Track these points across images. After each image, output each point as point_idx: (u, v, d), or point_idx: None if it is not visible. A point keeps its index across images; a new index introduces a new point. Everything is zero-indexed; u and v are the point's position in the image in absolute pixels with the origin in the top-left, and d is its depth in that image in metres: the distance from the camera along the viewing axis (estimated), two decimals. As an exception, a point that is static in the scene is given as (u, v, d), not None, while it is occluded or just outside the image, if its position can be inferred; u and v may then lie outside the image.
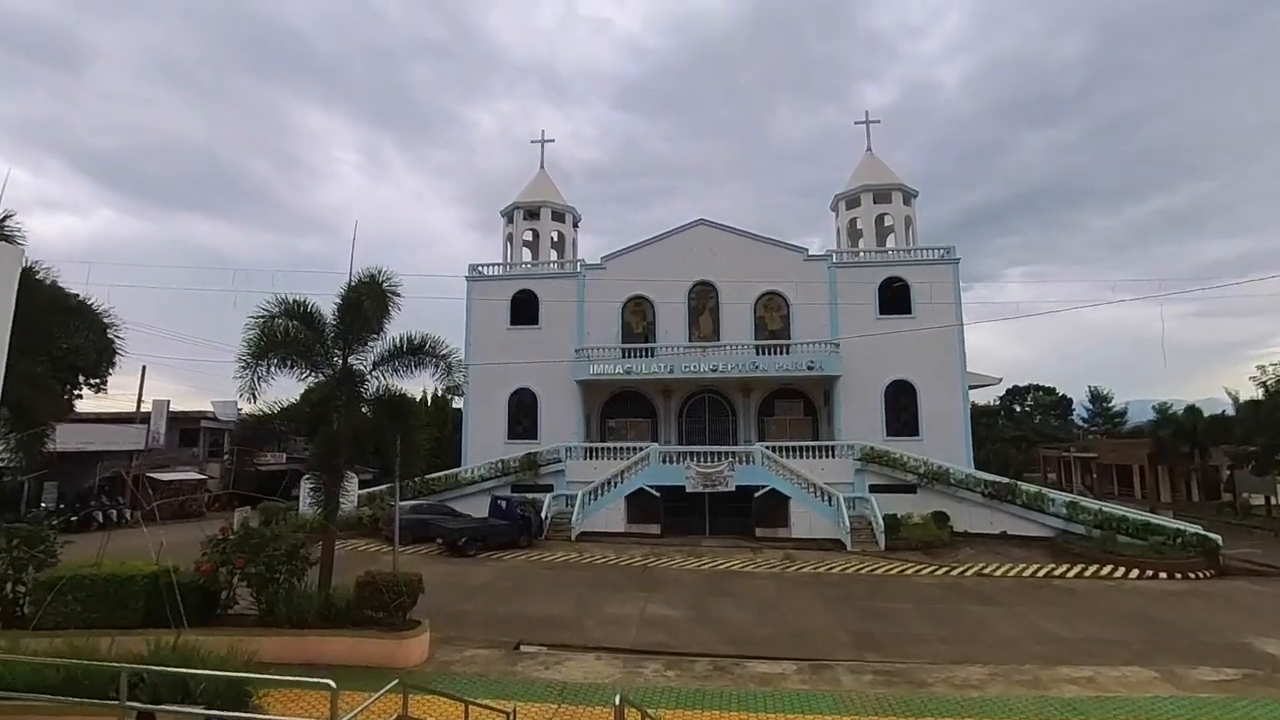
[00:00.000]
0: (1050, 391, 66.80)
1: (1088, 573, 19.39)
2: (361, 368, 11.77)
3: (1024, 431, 62.32)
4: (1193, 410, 36.90)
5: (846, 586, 17.65)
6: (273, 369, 10.52)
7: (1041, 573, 19.41)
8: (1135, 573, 19.35)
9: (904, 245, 32.31)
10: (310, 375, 11.08)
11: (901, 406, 29.43)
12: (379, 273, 11.30)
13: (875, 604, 15.62)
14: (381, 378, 11.63)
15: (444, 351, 12.13)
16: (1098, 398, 64.30)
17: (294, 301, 11.38)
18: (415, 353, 11.78)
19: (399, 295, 11.42)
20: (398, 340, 11.75)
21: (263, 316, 11.00)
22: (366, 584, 10.36)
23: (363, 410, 11.70)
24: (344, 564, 17.69)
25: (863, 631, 13.22)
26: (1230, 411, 33.81)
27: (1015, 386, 65.25)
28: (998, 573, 19.44)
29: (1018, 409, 64.98)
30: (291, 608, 10.32)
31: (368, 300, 10.80)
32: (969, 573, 19.42)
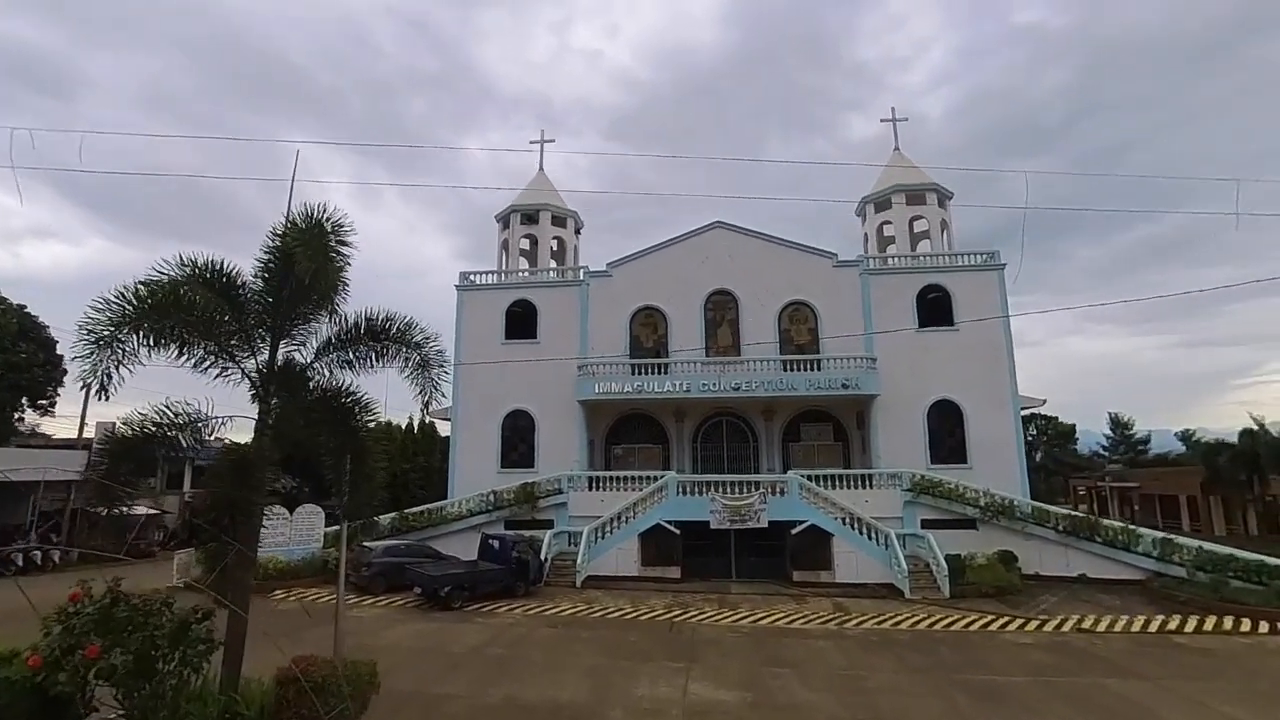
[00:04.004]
0: (1053, 420, 64.01)
1: (1208, 626, 15.99)
2: (301, 359, 8.29)
3: (1042, 460, 59.33)
4: (1251, 434, 33.68)
5: (928, 650, 14.06)
6: (151, 349, 6.90)
7: (1153, 627, 15.96)
8: (1265, 626, 15.95)
9: (940, 251, 29.26)
10: (215, 364, 7.50)
11: (947, 430, 26.07)
12: (321, 212, 7.65)
13: (977, 676, 12.07)
14: (326, 371, 8.11)
15: (418, 338, 8.67)
16: (1119, 425, 61.45)
17: (208, 263, 7.91)
18: (377, 338, 8.31)
19: (351, 247, 7.79)
20: (353, 320, 8.28)
21: (156, 283, 7.49)
22: (289, 682, 6.75)
23: (302, 416, 8.17)
24: (292, 624, 14.00)
25: (989, 724, 9.67)
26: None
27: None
28: (1099, 627, 15.94)
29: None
30: (175, 718, 6.71)
31: (303, 254, 7.17)
32: (1066, 627, 15.94)
